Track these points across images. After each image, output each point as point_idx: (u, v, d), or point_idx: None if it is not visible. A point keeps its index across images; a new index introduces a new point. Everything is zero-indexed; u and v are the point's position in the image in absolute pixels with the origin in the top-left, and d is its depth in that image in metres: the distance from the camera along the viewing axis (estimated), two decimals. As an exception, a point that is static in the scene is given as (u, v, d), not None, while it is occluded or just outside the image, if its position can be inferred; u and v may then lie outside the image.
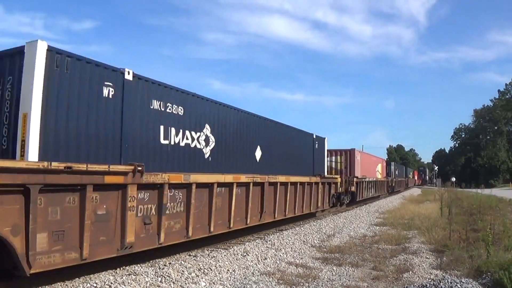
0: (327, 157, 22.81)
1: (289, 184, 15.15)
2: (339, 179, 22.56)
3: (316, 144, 20.04)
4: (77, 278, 7.25)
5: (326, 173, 21.58)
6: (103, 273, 7.72)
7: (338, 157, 26.23)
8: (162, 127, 9.42)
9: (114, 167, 7.39)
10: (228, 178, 11.16)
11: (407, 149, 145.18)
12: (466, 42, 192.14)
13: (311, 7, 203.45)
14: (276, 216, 14.36)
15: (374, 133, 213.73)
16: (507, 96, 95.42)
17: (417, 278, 8.14)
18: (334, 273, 8.62)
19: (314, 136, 19.88)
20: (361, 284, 7.81)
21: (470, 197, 26.25)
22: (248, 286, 7.34)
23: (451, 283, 6.67)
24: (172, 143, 9.74)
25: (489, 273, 7.78)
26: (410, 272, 8.56)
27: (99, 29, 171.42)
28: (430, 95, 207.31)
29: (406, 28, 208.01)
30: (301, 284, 7.67)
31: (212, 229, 10.51)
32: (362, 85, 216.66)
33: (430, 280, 7.66)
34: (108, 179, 7.23)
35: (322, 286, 7.58)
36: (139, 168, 7.80)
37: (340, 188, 23.33)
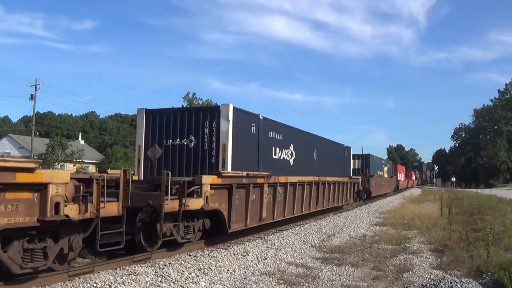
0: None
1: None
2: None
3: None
4: (77, 278, 7.24)
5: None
6: (103, 273, 7.72)
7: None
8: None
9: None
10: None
11: (407, 149, 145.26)
12: (466, 42, 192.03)
13: (311, 7, 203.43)
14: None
15: (374, 133, 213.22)
16: (507, 96, 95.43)
17: (417, 278, 8.15)
18: (334, 273, 8.62)
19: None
20: (361, 284, 7.82)
21: (470, 197, 26.27)
22: (248, 286, 7.34)
23: (451, 283, 6.67)
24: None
25: (489, 273, 7.79)
26: (410, 272, 8.56)
27: (99, 29, 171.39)
28: (430, 95, 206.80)
29: (406, 28, 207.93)
30: (301, 284, 7.67)
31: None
32: (362, 85, 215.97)
33: (430, 280, 7.66)
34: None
35: (322, 286, 7.58)
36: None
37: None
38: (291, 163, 16.03)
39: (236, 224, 11.51)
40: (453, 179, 68.28)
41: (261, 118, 13.37)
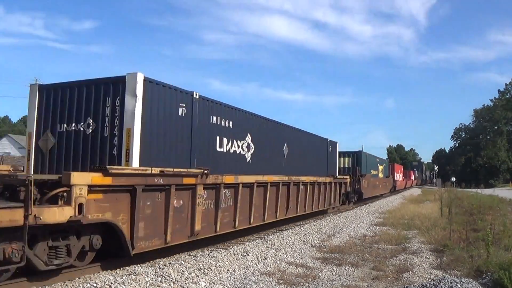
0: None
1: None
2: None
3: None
4: (77, 278, 7.24)
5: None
6: (103, 273, 7.72)
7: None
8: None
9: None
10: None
11: (407, 149, 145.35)
12: (466, 42, 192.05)
13: (311, 7, 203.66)
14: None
15: (374, 133, 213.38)
16: (507, 96, 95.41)
17: (417, 278, 8.14)
18: (334, 273, 8.62)
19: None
20: (361, 284, 7.81)
21: (470, 197, 26.28)
22: (248, 286, 7.34)
23: (451, 283, 6.67)
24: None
25: (489, 273, 7.79)
26: (410, 272, 8.56)
27: (99, 29, 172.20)
28: (430, 95, 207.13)
29: (406, 28, 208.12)
30: (301, 284, 7.67)
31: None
32: (362, 85, 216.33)
33: (430, 280, 7.66)
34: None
35: (322, 286, 7.58)
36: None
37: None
38: (248, 159, 12.64)
39: (145, 242, 8.31)
40: (453, 179, 68.22)
41: (197, 97, 10.11)
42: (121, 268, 8.07)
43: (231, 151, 11.83)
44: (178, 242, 9.33)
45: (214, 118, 11.03)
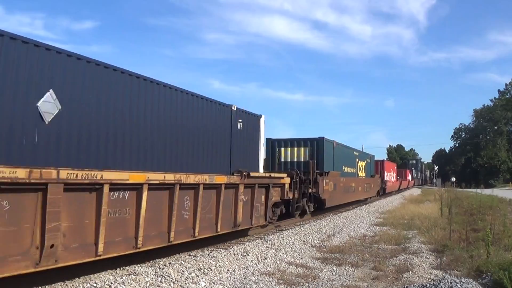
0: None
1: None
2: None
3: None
4: (77, 278, 7.25)
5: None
6: (103, 273, 7.72)
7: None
8: None
9: None
10: None
11: (407, 149, 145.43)
12: (466, 42, 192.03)
13: (311, 7, 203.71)
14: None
15: (374, 133, 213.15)
16: (507, 96, 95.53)
17: (417, 278, 8.14)
18: (334, 273, 8.62)
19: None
20: (361, 284, 7.81)
21: (470, 197, 26.30)
22: (248, 286, 7.34)
23: (451, 283, 6.67)
24: None
25: (489, 273, 7.78)
26: (410, 272, 8.55)
27: (99, 29, 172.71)
28: (430, 95, 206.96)
29: (406, 28, 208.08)
30: (301, 284, 7.67)
31: None
32: (362, 85, 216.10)
33: (430, 280, 7.67)
34: None
35: (322, 286, 7.58)
36: None
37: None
38: None
39: None
40: (453, 179, 68.27)
41: None
42: (121, 268, 8.07)
43: None
44: None
45: None
